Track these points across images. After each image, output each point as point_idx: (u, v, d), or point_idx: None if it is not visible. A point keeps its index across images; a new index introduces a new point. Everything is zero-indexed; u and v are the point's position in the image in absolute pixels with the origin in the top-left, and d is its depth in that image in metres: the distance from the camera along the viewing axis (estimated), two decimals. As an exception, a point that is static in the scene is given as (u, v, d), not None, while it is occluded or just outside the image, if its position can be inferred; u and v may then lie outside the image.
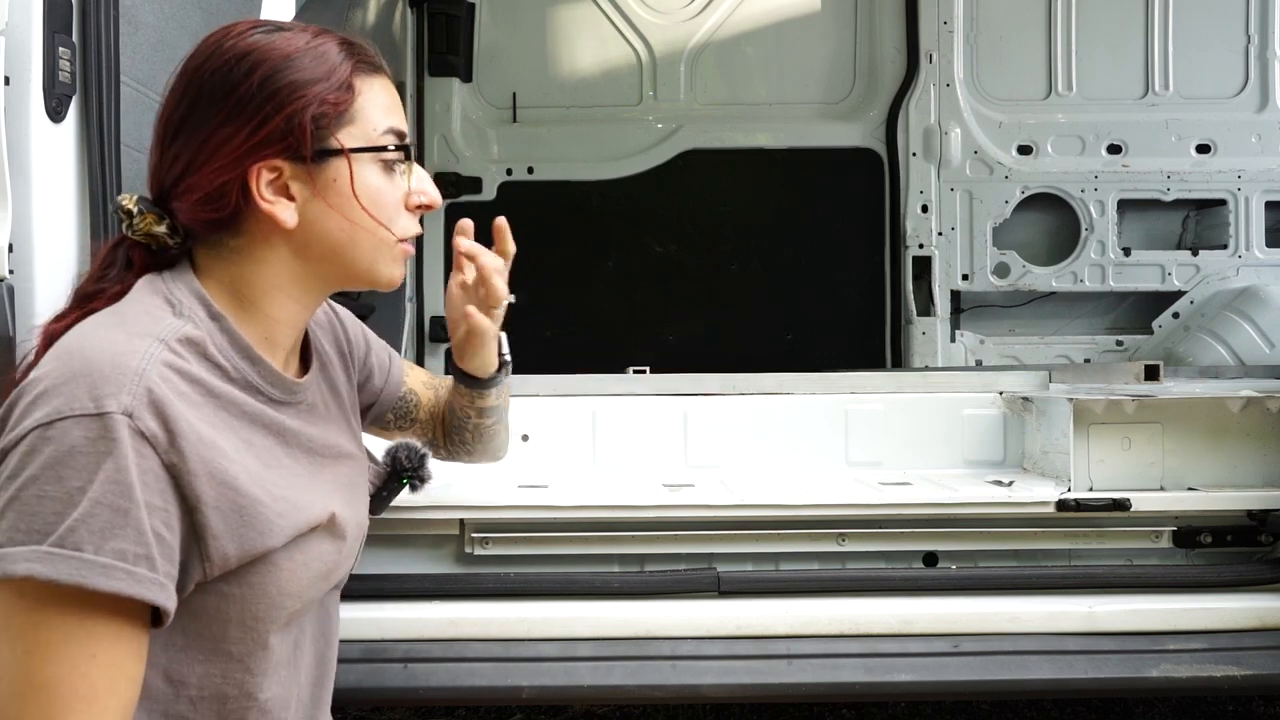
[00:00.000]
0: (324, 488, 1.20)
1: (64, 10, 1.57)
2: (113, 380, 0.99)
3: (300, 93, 1.10)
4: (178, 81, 1.14)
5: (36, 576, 0.93)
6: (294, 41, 1.13)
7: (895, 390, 2.02)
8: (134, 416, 0.98)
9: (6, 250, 1.52)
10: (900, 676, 1.66)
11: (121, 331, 1.05)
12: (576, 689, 1.66)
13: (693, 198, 3.97)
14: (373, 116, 1.15)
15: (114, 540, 0.96)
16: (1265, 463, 1.81)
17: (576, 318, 3.94)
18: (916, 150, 3.92)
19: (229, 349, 1.11)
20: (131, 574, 0.97)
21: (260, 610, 1.10)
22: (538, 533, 1.76)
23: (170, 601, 1.00)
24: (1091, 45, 3.93)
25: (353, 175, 1.13)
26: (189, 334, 1.08)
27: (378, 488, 1.39)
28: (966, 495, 1.77)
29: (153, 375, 1.01)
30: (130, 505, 0.97)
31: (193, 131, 1.11)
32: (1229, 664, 1.67)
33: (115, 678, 0.98)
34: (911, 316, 3.92)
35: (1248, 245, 3.89)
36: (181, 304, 1.11)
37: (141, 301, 1.10)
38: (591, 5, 4.02)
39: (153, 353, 1.03)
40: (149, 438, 0.99)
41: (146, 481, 0.98)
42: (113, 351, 1.01)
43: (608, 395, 1.99)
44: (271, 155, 1.10)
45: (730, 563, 1.77)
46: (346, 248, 1.16)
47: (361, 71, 1.16)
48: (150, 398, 0.99)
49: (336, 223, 1.14)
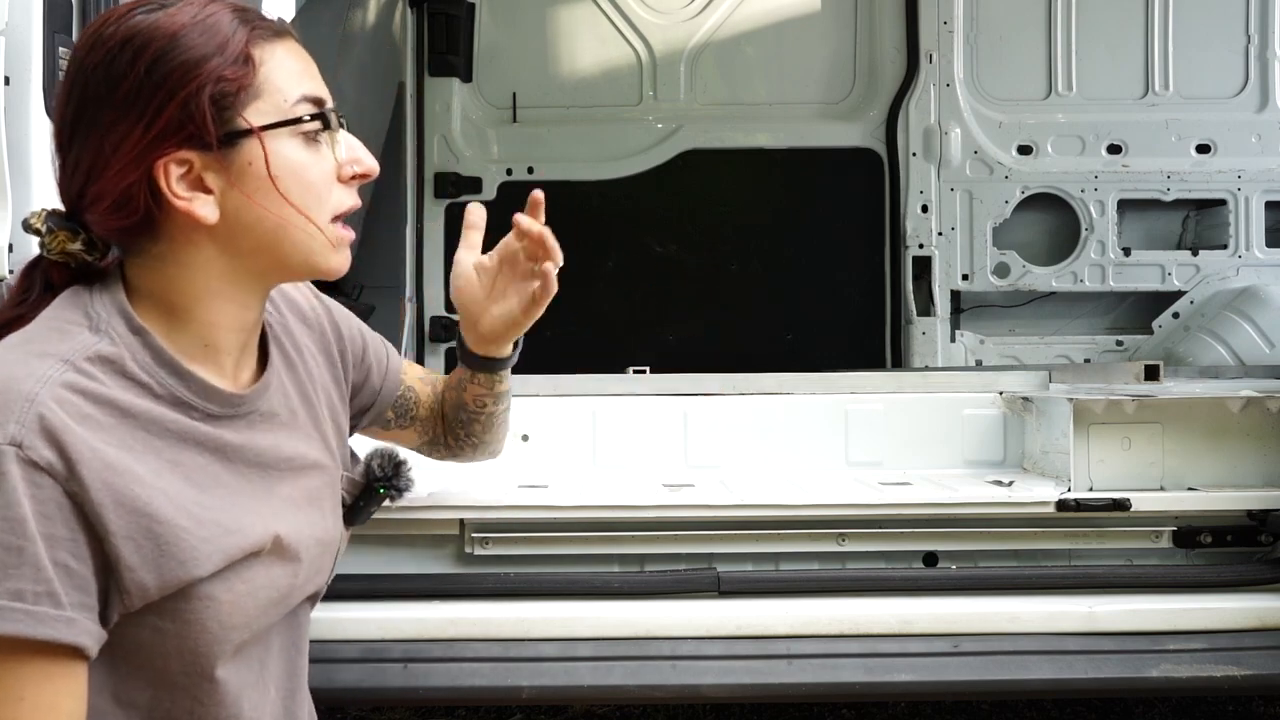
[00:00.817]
0: (272, 506, 1.11)
1: (64, 10, 1.57)
2: (1, 408, 0.92)
3: (194, 73, 0.99)
4: (64, 80, 1.03)
5: None
6: (178, 17, 1.00)
7: (895, 390, 2.02)
8: (23, 446, 0.91)
9: (6, 250, 1.52)
10: (900, 676, 1.66)
11: (21, 352, 0.97)
12: (576, 689, 1.66)
13: (693, 198, 3.97)
14: (282, 86, 1.04)
15: (8, 581, 0.90)
16: (1265, 463, 1.81)
17: (576, 318, 3.90)
18: (916, 150, 3.92)
19: (152, 364, 1.02)
20: (31, 614, 0.91)
21: (200, 645, 1.03)
22: (538, 533, 1.75)
23: (84, 637, 0.94)
24: (1091, 45, 3.93)
25: (267, 156, 1.02)
26: (102, 351, 0.99)
27: (354, 498, 1.29)
28: (966, 495, 1.77)
29: (46, 399, 0.93)
30: (24, 542, 0.91)
31: (87, 134, 1.01)
32: (1229, 664, 1.66)
33: (47, 717, 0.93)
34: (911, 316, 3.92)
35: (1248, 245, 3.89)
36: (100, 318, 1.02)
37: (56, 318, 1.02)
38: (591, 5, 4.02)
39: (50, 374, 0.95)
40: (44, 467, 0.92)
41: (46, 513, 0.92)
42: (6, 376, 0.94)
43: (608, 395, 1.99)
44: (174, 147, 1.00)
45: (730, 563, 1.77)
46: (276, 237, 1.05)
47: (260, 39, 1.04)
48: (42, 424, 0.92)
49: (260, 211, 1.03)
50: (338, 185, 1.08)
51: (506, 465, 1.92)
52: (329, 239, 1.08)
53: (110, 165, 1.00)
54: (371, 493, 1.31)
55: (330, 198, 1.07)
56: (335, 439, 1.25)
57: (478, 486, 1.81)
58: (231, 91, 1.01)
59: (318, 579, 1.21)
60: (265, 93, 1.03)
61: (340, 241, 1.10)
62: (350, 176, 1.09)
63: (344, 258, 1.10)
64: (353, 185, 1.10)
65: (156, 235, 1.03)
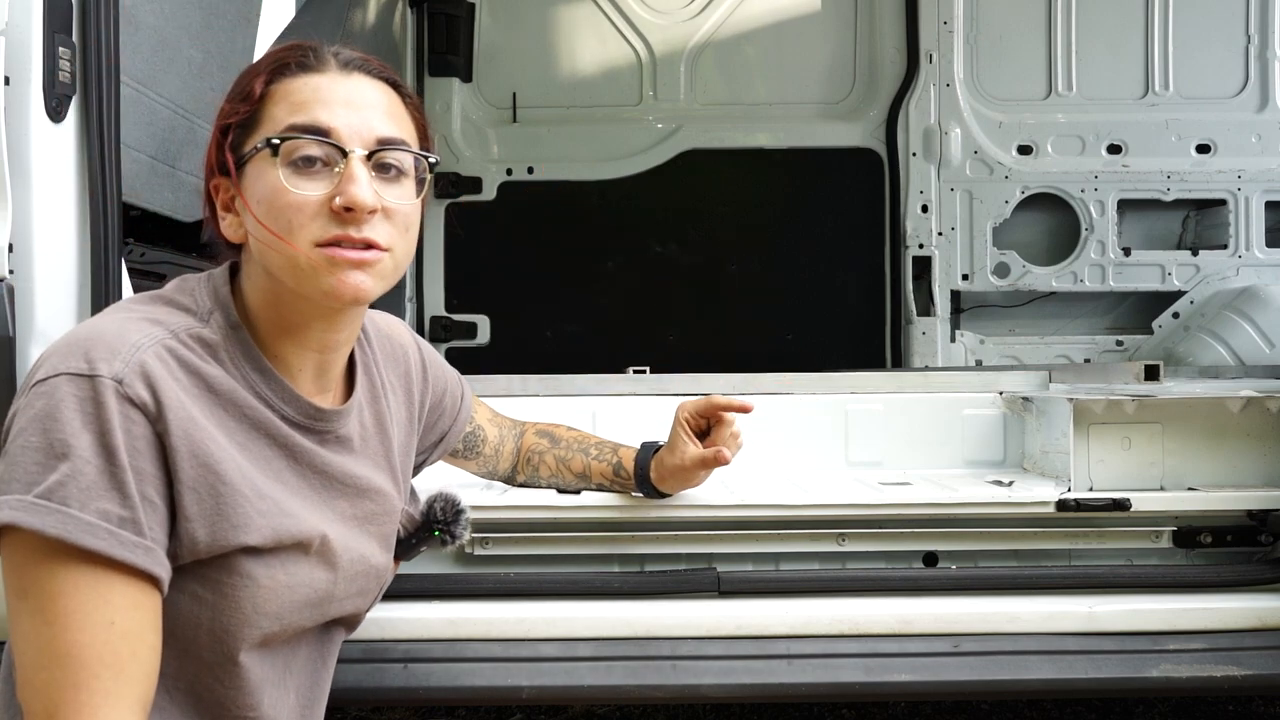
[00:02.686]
0: (326, 513, 1.17)
1: (64, 10, 1.56)
2: (111, 348, 1.01)
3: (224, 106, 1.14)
4: None
5: (19, 525, 0.95)
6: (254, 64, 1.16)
7: (895, 390, 2.02)
8: (123, 383, 0.99)
9: (6, 250, 1.52)
10: (900, 676, 1.66)
11: (137, 315, 1.08)
12: (576, 689, 1.66)
13: (693, 198, 3.97)
14: (276, 116, 1.09)
15: (98, 500, 0.97)
16: (1265, 463, 1.81)
17: (576, 318, 3.94)
18: (916, 150, 3.92)
19: (241, 358, 1.11)
20: (115, 535, 0.97)
21: (231, 624, 1.08)
22: (538, 533, 1.75)
23: (159, 568, 1.00)
24: (1091, 45, 3.93)
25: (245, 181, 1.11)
26: (202, 335, 1.10)
27: (409, 533, 1.38)
28: (966, 495, 1.77)
29: (149, 350, 1.03)
30: (115, 468, 0.98)
31: None
32: (1229, 664, 1.66)
33: (136, 645, 0.99)
34: (911, 316, 3.92)
35: (1248, 245, 3.89)
36: (204, 307, 1.13)
37: (167, 298, 1.14)
38: (591, 5, 4.02)
39: (156, 334, 1.05)
40: (138, 404, 1.00)
41: (136, 447, 0.99)
42: (121, 327, 1.04)
43: (608, 395, 1.99)
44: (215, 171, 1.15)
45: (730, 563, 1.77)
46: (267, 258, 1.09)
47: (283, 75, 1.11)
48: (143, 369, 1.01)
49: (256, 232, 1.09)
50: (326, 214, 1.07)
51: (506, 465, 1.92)
52: (312, 261, 1.07)
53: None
54: (427, 533, 1.39)
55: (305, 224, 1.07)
56: (401, 474, 1.32)
57: (478, 487, 1.81)
58: (235, 123, 1.11)
59: (358, 601, 1.25)
60: (263, 123, 1.10)
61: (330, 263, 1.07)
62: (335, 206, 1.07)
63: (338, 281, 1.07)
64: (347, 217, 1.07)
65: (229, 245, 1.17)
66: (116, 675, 0.97)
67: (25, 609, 0.98)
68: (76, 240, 1.60)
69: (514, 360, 2.34)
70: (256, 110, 1.11)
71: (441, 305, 3.92)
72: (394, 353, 1.35)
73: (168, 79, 2.16)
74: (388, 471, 1.28)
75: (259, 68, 1.14)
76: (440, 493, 1.42)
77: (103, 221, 1.60)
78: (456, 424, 1.53)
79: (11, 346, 1.52)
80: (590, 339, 3.91)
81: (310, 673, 1.24)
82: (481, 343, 3.94)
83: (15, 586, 0.98)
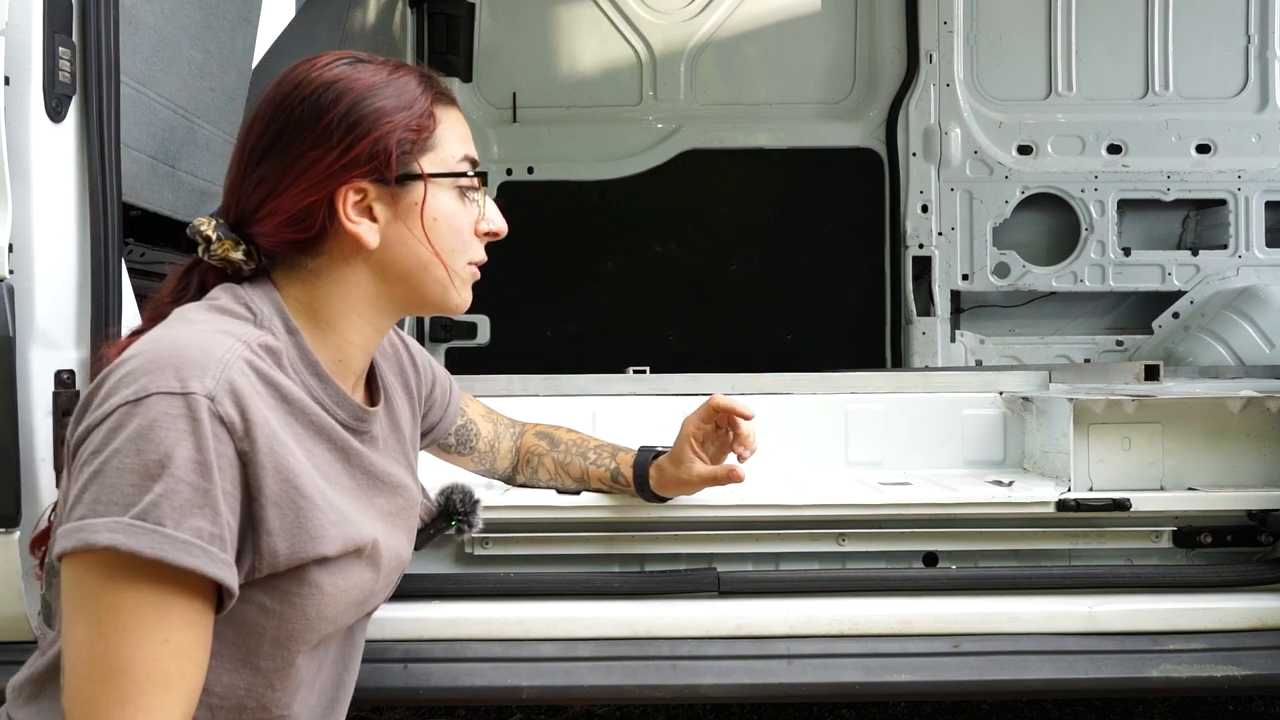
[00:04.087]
0: (372, 512, 1.22)
1: (64, 10, 1.57)
2: (199, 365, 1.02)
3: (387, 118, 1.15)
4: (262, 110, 1.18)
5: (119, 548, 0.95)
6: (377, 74, 1.18)
7: (895, 390, 2.02)
8: (215, 400, 1.01)
9: (6, 250, 1.52)
10: (900, 676, 1.66)
11: (207, 326, 1.09)
12: (576, 689, 1.66)
13: (693, 198, 3.97)
14: (450, 144, 1.21)
15: (193, 518, 0.98)
16: (1265, 463, 1.81)
17: (576, 318, 3.94)
18: (916, 150, 3.92)
19: (300, 364, 1.15)
20: (208, 552, 0.99)
21: (296, 630, 1.12)
22: (538, 533, 1.75)
23: (236, 584, 1.02)
24: (1091, 45, 3.93)
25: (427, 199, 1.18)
26: (268, 343, 1.11)
27: (425, 524, 1.42)
28: (966, 495, 1.77)
29: (235, 367, 1.04)
30: (209, 485, 0.99)
31: (280, 156, 1.15)
32: (1229, 664, 1.66)
33: (185, 664, 1.00)
34: (911, 316, 3.92)
35: (1248, 245, 3.88)
36: (262, 314, 1.14)
37: (224, 308, 1.14)
38: (591, 5, 4.02)
39: (236, 349, 1.06)
40: (226, 423, 1.01)
41: (222, 465, 1.01)
42: (201, 341, 1.05)
43: (608, 395, 1.99)
44: (357, 177, 1.15)
45: (730, 563, 1.77)
46: (422, 270, 1.20)
47: (440, 102, 1.21)
48: (231, 386, 1.03)
49: (414, 246, 1.18)
50: (474, 238, 1.24)
51: (506, 465, 1.92)
52: (464, 278, 1.24)
53: (299, 183, 1.14)
54: (445, 524, 1.45)
55: (470, 245, 1.23)
56: (415, 467, 1.37)
57: (478, 487, 1.81)
58: (414, 140, 1.17)
59: (385, 593, 1.30)
60: (438, 147, 1.20)
61: (468, 281, 1.25)
62: (485, 232, 1.25)
63: (468, 296, 1.25)
64: (484, 240, 1.26)
65: (318, 251, 1.18)
66: (164, 692, 0.98)
67: (82, 619, 0.98)
68: (76, 240, 1.60)
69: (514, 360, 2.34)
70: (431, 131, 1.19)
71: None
72: (386, 350, 1.39)
73: (168, 79, 2.16)
74: (407, 466, 1.34)
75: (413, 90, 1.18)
76: (456, 485, 1.49)
77: (103, 221, 1.60)
78: (447, 416, 1.56)
79: (11, 346, 1.52)
80: (590, 339, 3.91)
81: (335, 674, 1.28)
82: (481, 343, 3.94)
83: (75, 595, 0.99)
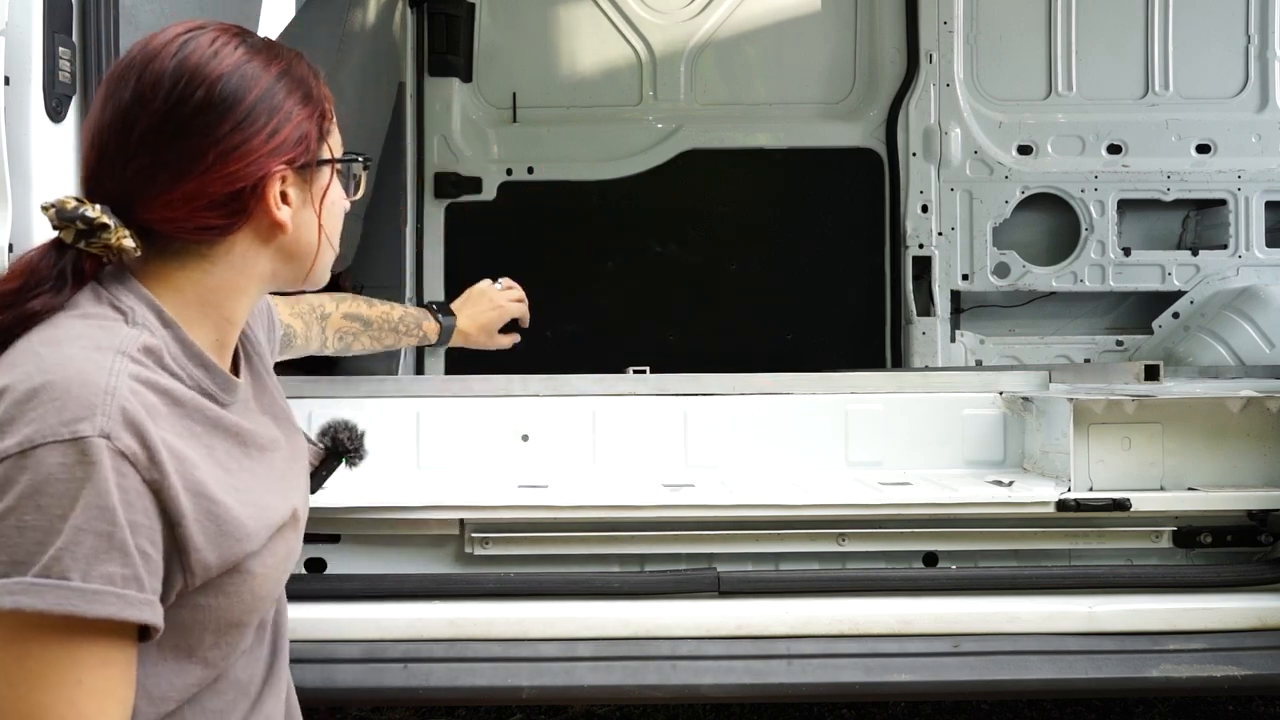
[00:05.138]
0: (278, 483, 1.19)
1: (64, 10, 1.57)
2: (83, 401, 0.95)
3: (313, 99, 1.15)
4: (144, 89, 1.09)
5: (24, 609, 0.91)
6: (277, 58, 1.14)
7: (895, 390, 2.02)
8: (111, 437, 0.95)
9: (6, 250, 1.52)
10: (900, 676, 1.66)
11: (77, 346, 1.00)
12: (576, 689, 1.66)
13: (693, 198, 3.97)
14: (337, 131, 1.22)
15: (101, 565, 0.94)
16: (1265, 463, 1.81)
17: (576, 318, 3.93)
18: (916, 150, 3.92)
19: (181, 356, 1.09)
20: (122, 597, 0.95)
21: (235, 617, 1.10)
22: (538, 533, 1.75)
23: (159, 619, 0.99)
24: (1091, 45, 3.93)
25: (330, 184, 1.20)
26: (147, 343, 1.05)
27: (315, 467, 1.38)
28: (966, 495, 1.77)
29: (124, 391, 0.98)
30: (114, 529, 0.95)
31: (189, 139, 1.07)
32: (1229, 664, 1.66)
33: (103, 702, 0.96)
34: (911, 316, 3.92)
35: (1248, 245, 3.88)
36: (134, 311, 1.07)
37: (87, 313, 1.05)
38: (591, 5, 4.02)
39: (118, 367, 0.99)
40: (129, 456, 0.96)
41: (129, 501, 0.96)
42: (77, 369, 0.98)
43: (608, 395, 1.99)
44: (284, 162, 1.12)
45: (730, 563, 1.77)
46: (314, 252, 1.20)
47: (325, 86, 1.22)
48: (125, 416, 0.97)
49: (313, 229, 1.18)
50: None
51: (506, 465, 1.92)
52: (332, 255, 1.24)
53: (216, 168, 1.07)
54: (336, 461, 1.42)
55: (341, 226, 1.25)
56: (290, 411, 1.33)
57: (478, 487, 1.81)
58: (324, 125, 1.18)
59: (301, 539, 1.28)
60: (334, 133, 1.20)
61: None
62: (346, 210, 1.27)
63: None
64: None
65: (228, 235, 1.12)
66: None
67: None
68: (76, 240, 1.60)
69: (514, 360, 2.34)
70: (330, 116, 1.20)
71: (441, 305, 3.93)
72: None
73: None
74: (286, 415, 1.30)
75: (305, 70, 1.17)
76: (338, 422, 1.44)
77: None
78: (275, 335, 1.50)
79: (11, 346, 1.51)
80: (590, 339, 3.91)
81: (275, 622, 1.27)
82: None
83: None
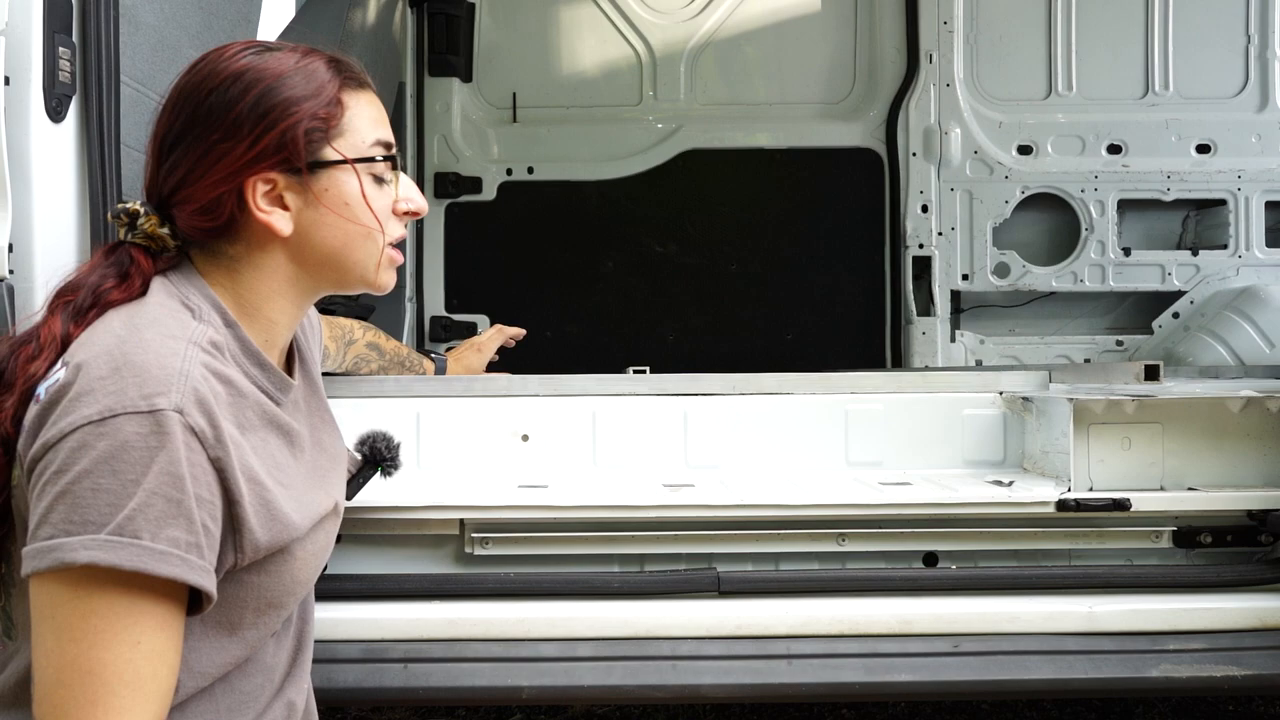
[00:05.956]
0: (323, 482, 1.28)
1: (64, 10, 1.57)
2: (160, 379, 1.04)
3: (294, 109, 1.17)
4: (173, 99, 1.20)
5: (99, 564, 0.98)
6: (284, 62, 1.19)
7: (895, 390, 2.01)
8: (184, 413, 1.03)
9: (6, 250, 1.53)
10: (900, 676, 1.66)
11: (153, 332, 1.09)
12: (576, 689, 1.66)
13: (693, 198, 3.97)
14: (361, 129, 1.22)
15: (169, 529, 1.01)
16: (1265, 463, 1.81)
17: (576, 318, 3.94)
18: (916, 150, 3.92)
19: (241, 355, 1.17)
20: (185, 560, 1.02)
21: (274, 596, 1.17)
22: (538, 533, 1.75)
23: (214, 588, 1.06)
24: (1091, 45, 3.93)
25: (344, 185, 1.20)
26: (213, 338, 1.13)
27: (352, 474, 1.46)
28: (966, 495, 1.77)
29: (196, 375, 1.06)
30: (183, 496, 1.02)
31: (190, 146, 1.16)
32: (1229, 664, 1.67)
33: (157, 665, 1.03)
34: (911, 316, 3.92)
35: (1248, 245, 3.88)
36: (199, 309, 1.15)
37: (162, 305, 1.14)
38: (591, 5, 4.02)
39: (190, 354, 1.08)
40: (198, 433, 1.04)
41: (195, 475, 1.03)
42: (155, 351, 1.06)
43: (608, 395, 1.99)
44: (267, 169, 1.16)
45: (730, 563, 1.77)
46: (341, 252, 1.22)
47: (349, 87, 1.22)
48: (197, 395, 1.05)
49: (330, 230, 1.20)
50: (392, 217, 1.25)
51: (506, 465, 1.92)
52: (385, 259, 1.25)
53: (206, 175, 1.15)
54: (373, 470, 1.50)
55: (388, 225, 1.25)
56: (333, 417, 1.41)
57: (478, 487, 1.81)
58: (321, 128, 1.18)
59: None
60: (348, 133, 1.21)
61: (392, 262, 1.26)
62: (404, 211, 1.27)
63: (392, 276, 1.28)
64: (405, 219, 1.28)
65: (235, 239, 1.19)
66: (135, 693, 1.01)
67: (51, 628, 1.00)
68: (76, 240, 1.60)
69: (514, 360, 2.34)
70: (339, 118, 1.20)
71: (441, 305, 3.93)
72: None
73: (167, 79, 2.15)
74: (331, 421, 1.39)
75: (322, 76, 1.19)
76: (374, 432, 1.52)
77: (103, 221, 1.60)
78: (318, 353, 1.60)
79: (11, 346, 1.52)
80: (590, 339, 3.92)
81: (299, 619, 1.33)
82: (481, 342, 3.94)
83: (45, 606, 1.01)
